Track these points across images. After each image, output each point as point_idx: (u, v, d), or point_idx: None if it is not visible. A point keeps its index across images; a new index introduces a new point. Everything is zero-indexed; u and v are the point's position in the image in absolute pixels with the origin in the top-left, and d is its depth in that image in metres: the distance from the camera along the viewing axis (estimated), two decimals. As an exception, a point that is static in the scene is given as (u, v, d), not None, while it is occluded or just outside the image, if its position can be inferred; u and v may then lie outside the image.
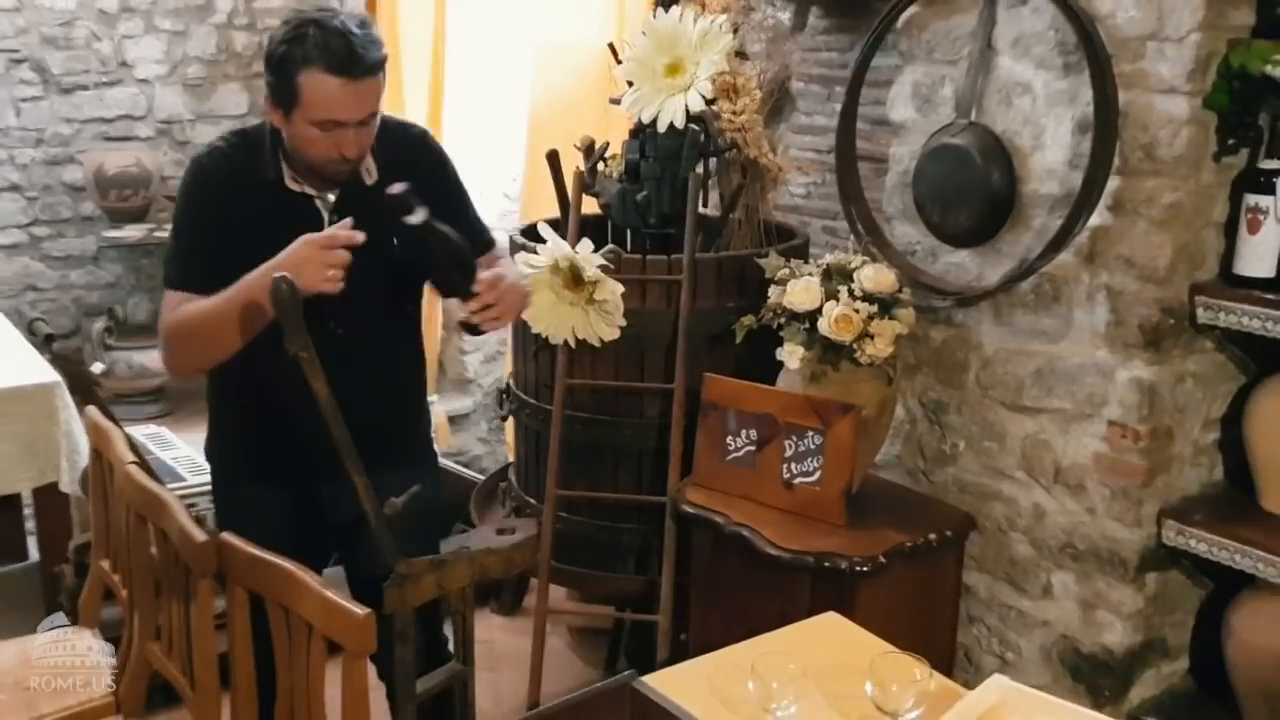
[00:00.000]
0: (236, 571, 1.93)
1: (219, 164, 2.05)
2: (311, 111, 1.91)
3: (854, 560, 2.27)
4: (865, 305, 2.37)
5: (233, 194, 2.03)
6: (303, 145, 1.97)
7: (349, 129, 1.93)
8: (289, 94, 1.91)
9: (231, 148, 2.06)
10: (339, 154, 1.95)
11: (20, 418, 3.05)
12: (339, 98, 1.89)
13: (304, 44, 1.88)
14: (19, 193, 5.00)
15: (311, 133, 1.93)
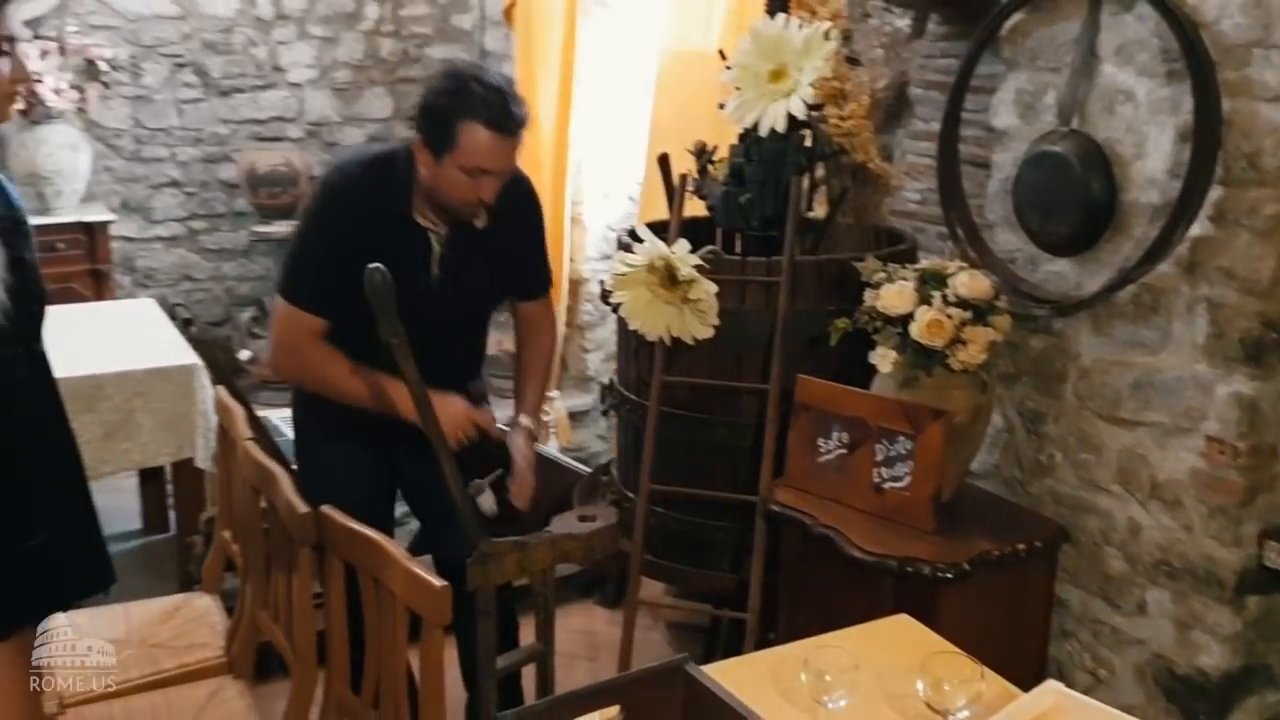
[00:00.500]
0: (334, 542, 2.06)
1: (355, 191, 2.25)
2: (464, 159, 2.14)
3: (937, 566, 2.27)
4: (958, 311, 2.36)
5: (363, 221, 2.22)
6: (445, 187, 2.19)
7: (491, 177, 2.17)
8: (446, 140, 2.14)
9: (366, 178, 2.26)
10: (477, 198, 2.19)
11: (162, 396, 3.27)
12: (491, 150, 2.15)
13: (468, 98, 2.12)
14: (179, 188, 5.34)
15: (458, 177, 2.16)
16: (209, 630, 2.57)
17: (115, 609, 2.65)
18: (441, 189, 2.20)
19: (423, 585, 1.81)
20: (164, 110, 5.18)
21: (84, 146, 4.76)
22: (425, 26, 5.59)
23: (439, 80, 2.19)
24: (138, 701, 2.33)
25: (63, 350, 3.21)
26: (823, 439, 2.57)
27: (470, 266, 2.32)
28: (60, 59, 4.56)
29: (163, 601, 2.73)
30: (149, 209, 5.28)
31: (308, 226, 2.30)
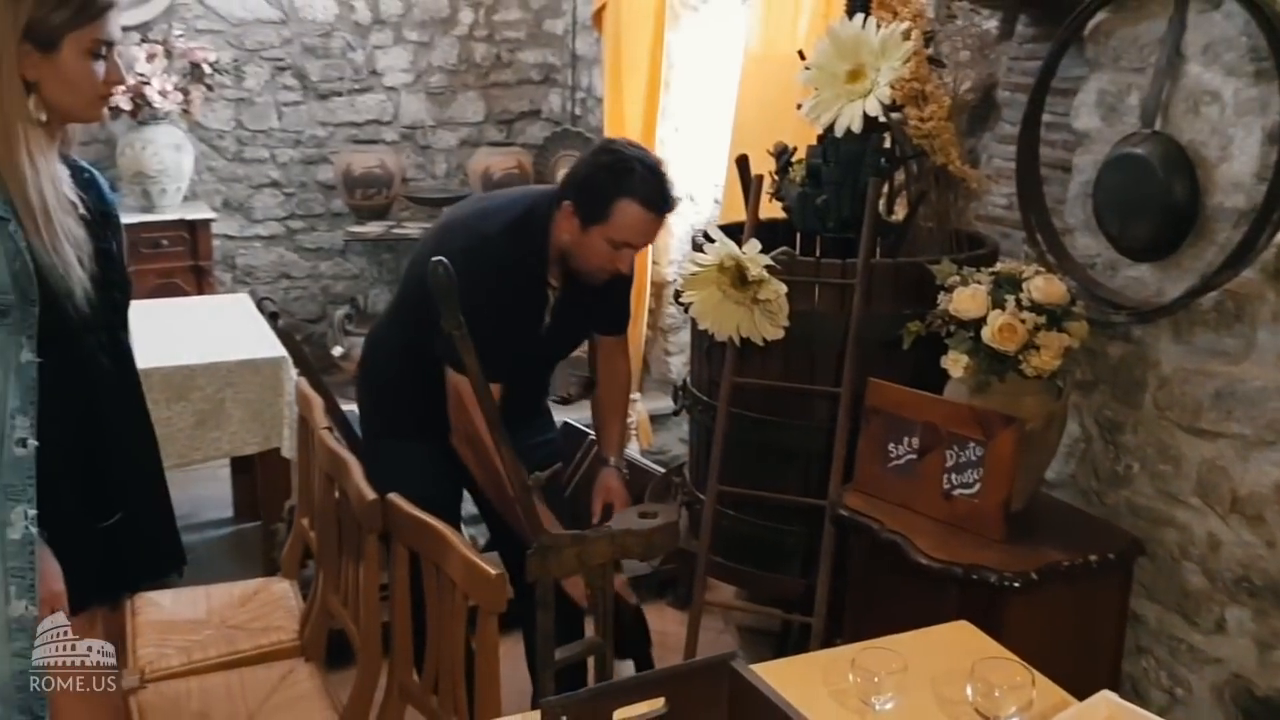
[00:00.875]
0: (399, 530, 2.10)
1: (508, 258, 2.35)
2: (614, 232, 2.28)
3: (1004, 575, 2.23)
4: (1032, 315, 2.32)
5: (509, 285, 2.35)
6: (586, 253, 2.33)
7: (632, 250, 2.35)
8: (600, 213, 2.27)
9: (512, 244, 2.36)
10: (615, 267, 2.33)
11: (251, 387, 3.38)
12: (643, 228, 2.32)
13: (630, 177, 2.26)
14: (278, 189, 5.49)
15: (602, 248, 2.30)
16: (285, 614, 2.65)
17: (198, 590, 2.75)
18: (581, 254, 2.33)
19: (479, 573, 1.84)
20: (265, 112, 5.34)
21: (188, 147, 4.94)
22: (518, 31, 5.68)
23: (600, 155, 2.32)
24: (214, 679, 2.41)
25: (159, 341, 3.39)
26: (893, 444, 2.54)
27: (576, 314, 2.48)
28: (166, 62, 4.73)
29: (243, 585, 2.81)
30: (249, 208, 5.44)
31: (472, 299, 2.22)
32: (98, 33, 1.77)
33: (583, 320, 2.59)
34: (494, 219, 2.39)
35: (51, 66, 1.74)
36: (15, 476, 1.69)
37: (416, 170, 5.65)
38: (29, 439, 1.70)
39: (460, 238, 2.37)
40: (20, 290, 1.68)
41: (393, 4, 5.44)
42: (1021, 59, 3.27)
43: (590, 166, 2.32)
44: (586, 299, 2.49)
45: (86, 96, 1.80)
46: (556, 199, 2.36)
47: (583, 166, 2.34)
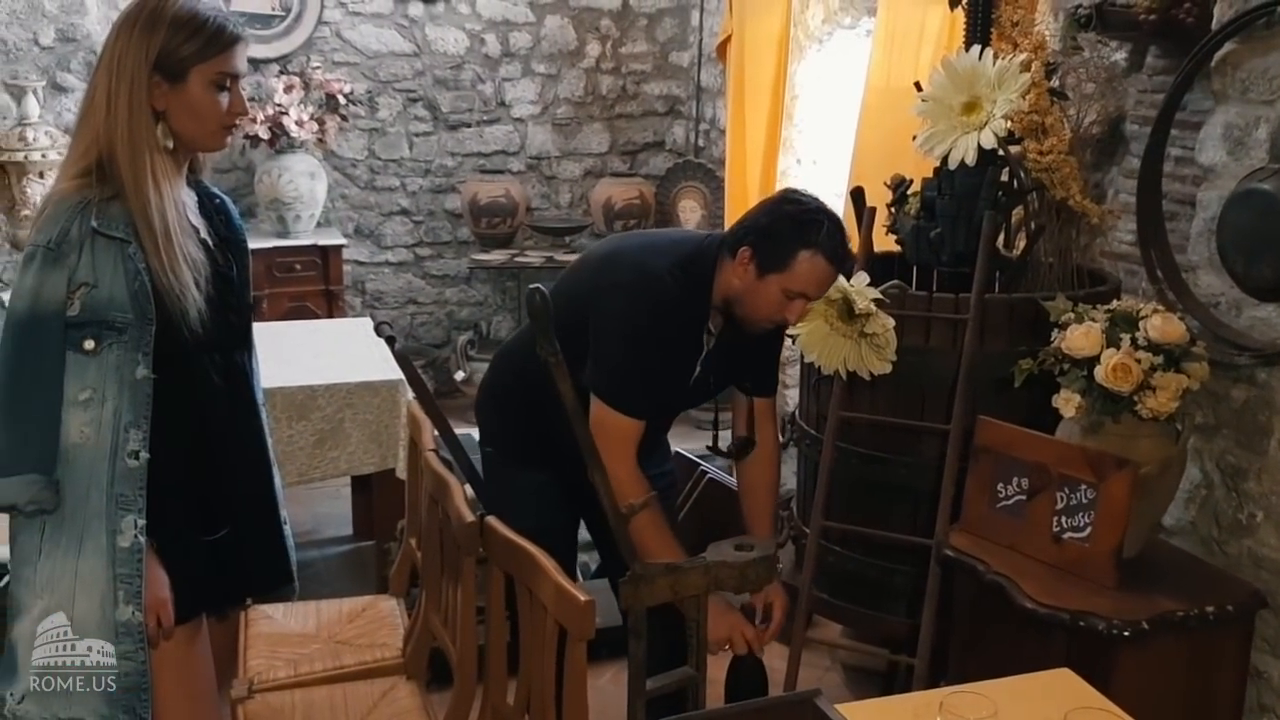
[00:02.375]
0: (495, 552, 2.13)
1: (675, 300, 2.30)
2: (792, 282, 2.21)
3: (1113, 623, 2.15)
4: (1148, 355, 2.24)
5: (675, 324, 2.33)
6: (758, 301, 2.26)
7: (804, 302, 2.25)
8: (780, 261, 2.20)
9: (679, 284, 2.31)
10: (783, 317, 2.27)
11: (369, 408, 3.47)
12: (820, 280, 2.23)
13: (818, 231, 2.20)
14: (408, 216, 5.65)
15: (775, 297, 2.24)
16: (390, 631, 2.70)
17: (308, 605, 2.82)
18: (751, 302, 2.26)
19: (570, 599, 1.85)
20: (396, 142, 5.52)
21: (322, 175, 5.13)
22: (644, 63, 5.75)
23: (785, 205, 2.26)
24: (318, 693, 2.47)
25: (285, 362, 3.51)
26: (1002, 484, 2.48)
27: (725, 364, 2.43)
28: (304, 93, 4.93)
29: (352, 601, 2.88)
30: (379, 235, 5.61)
31: (633, 336, 2.29)
32: (223, 65, 1.86)
33: (728, 374, 2.50)
34: (662, 256, 2.35)
35: (178, 97, 1.84)
36: (127, 487, 1.78)
37: (541, 200, 5.75)
38: (141, 451, 1.79)
39: (627, 271, 2.34)
40: (139, 309, 1.77)
41: (522, 37, 5.56)
42: (1151, 91, 3.18)
43: (773, 215, 2.26)
44: (738, 353, 2.43)
45: (210, 126, 1.89)
46: (724, 244, 2.32)
47: (765, 214, 2.27)
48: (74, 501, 1.78)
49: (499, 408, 2.66)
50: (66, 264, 1.74)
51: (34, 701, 1.81)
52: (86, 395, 1.76)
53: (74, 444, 1.77)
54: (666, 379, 2.34)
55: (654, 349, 2.27)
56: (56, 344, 1.74)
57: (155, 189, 1.80)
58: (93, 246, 1.75)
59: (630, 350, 2.29)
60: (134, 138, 1.80)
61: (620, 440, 2.26)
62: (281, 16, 5.18)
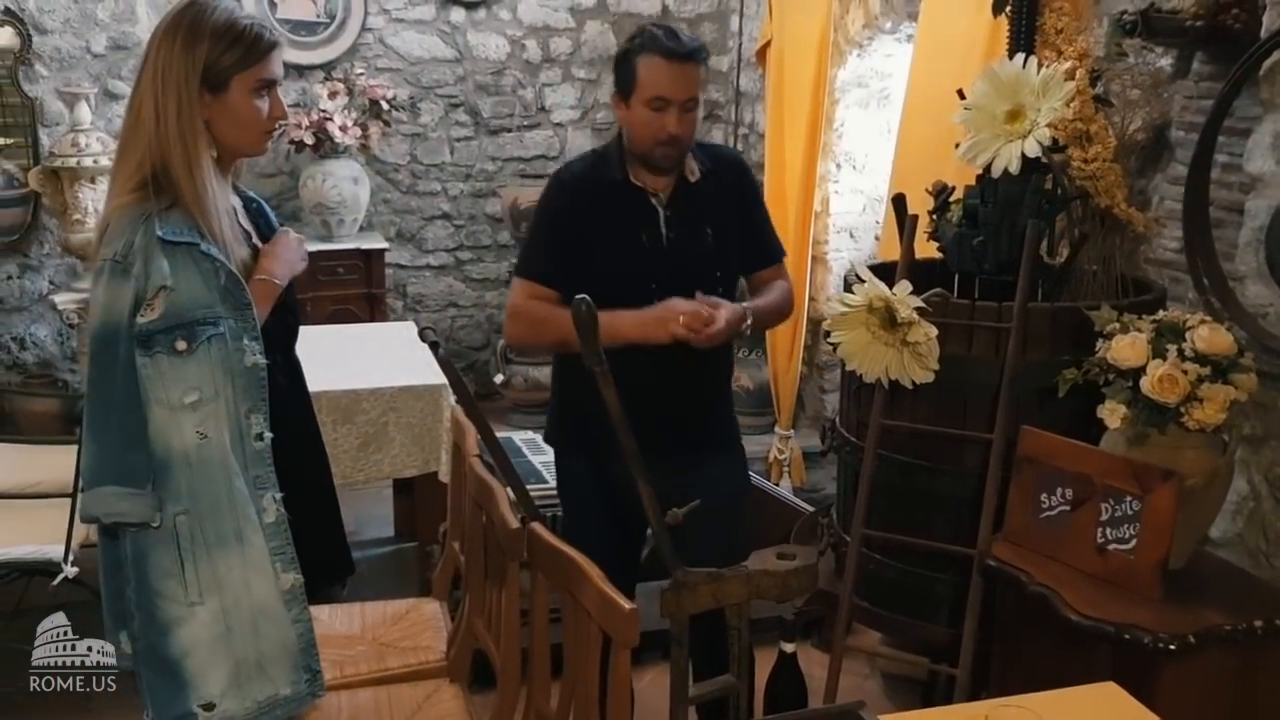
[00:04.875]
0: (539, 558, 2.15)
1: (573, 172, 2.51)
2: (645, 91, 2.31)
3: (1159, 636, 2.14)
4: (1195, 366, 2.22)
5: (583, 195, 2.45)
6: (639, 129, 2.37)
7: (673, 110, 2.30)
8: (628, 80, 2.34)
9: (583, 161, 2.54)
10: (666, 132, 2.32)
11: (412, 412, 3.51)
12: (667, 77, 2.30)
13: (643, 36, 2.35)
14: (449, 220, 5.69)
15: (645, 115, 2.32)
16: (433, 634, 2.73)
17: (352, 608, 2.86)
18: (635, 135, 2.37)
19: (614, 607, 1.87)
20: (438, 147, 5.56)
21: (365, 180, 5.17)
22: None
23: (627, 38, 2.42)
24: (363, 694, 2.50)
25: (330, 365, 3.56)
26: (1045, 494, 2.47)
27: (695, 224, 2.44)
28: (347, 99, 4.98)
29: (395, 604, 2.91)
30: (421, 239, 5.66)
31: (536, 212, 2.54)
32: (262, 73, 1.90)
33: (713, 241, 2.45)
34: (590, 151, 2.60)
35: (221, 106, 1.87)
36: (259, 468, 1.85)
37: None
38: (264, 432, 1.85)
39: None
40: (232, 300, 1.82)
41: (562, 43, 5.59)
42: (1198, 98, 3.15)
43: (619, 51, 2.42)
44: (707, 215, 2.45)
45: (253, 133, 1.93)
46: None
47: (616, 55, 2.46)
48: (212, 499, 1.81)
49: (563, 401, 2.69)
50: (133, 275, 1.77)
51: (231, 699, 1.84)
52: (194, 397, 1.78)
53: (194, 445, 1.79)
54: (611, 246, 2.40)
55: (552, 223, 2.44)
56: (128, 355, 1.77)
57: (213, 199, 1.84)
58: (163, 254, 1.78)
59: (531, 227, 2.56)
60: (188, 151, 1.84)
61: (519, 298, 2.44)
62: (326, 23, 5.24)
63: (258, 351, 1.87)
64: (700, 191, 2.46)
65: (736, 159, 2.70)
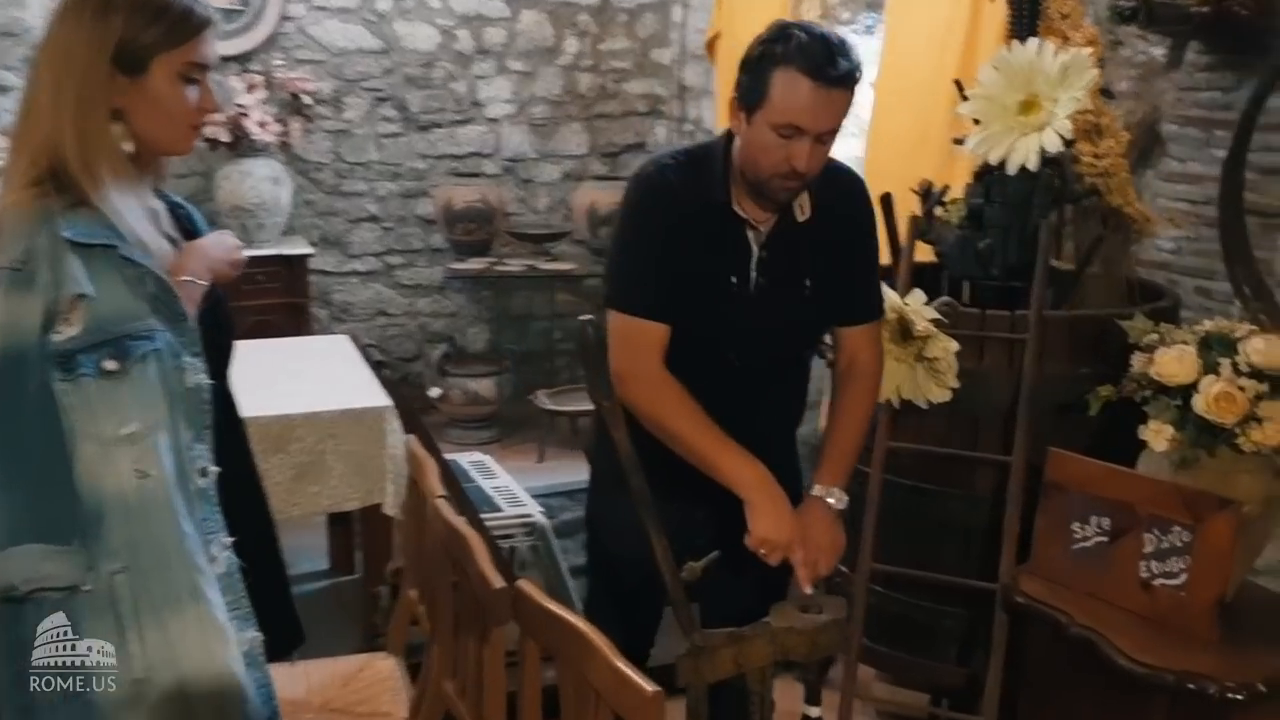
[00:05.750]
0: (531, 625, 1.85)
1: (670, 180, 2.01)
2: (775, 114, 1.86)
3: (1225, 686, 1.92)
4: (1252, 383, 2.01)
5: (681, 215, 1.99)
6: (755, 154, 1.92)
7: (805, 140, 1.86)
8: (758, 92, 1.87)
9: (680, 166, 2.02)
10: (789, 166, 1.88)
11: (353, 439, 3.16)
12: (807, 101, 1.83)
13: (786, 44, 1.85)
14: (376, 223, 5.34)
15: (769, 139, 1.88)
16: (391, 697, 2.41)
17: (296, 668, 2.52)
18: (752, 157, 1.92)
19: (632, 688, 1.57)
20: (364, 145, 5.20)
21: (286, 180, 4.79)
22: (624, 61, 5.47)
23: (763, 34, 1.94)
24: (315, 773, 2.18)
25: (257, 387, 3.18)
26: (1078, 524, 2.24)
27: (792, 273, 2.02)
28: (266, 93, 4.60)
29: (344, 662, 2.58)
30: (347, 243, 5.29)
31: (628, 228, 2.05)
32: (191, 54, 1.56)
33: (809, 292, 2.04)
34: (671, 151, 2.08)
35: (139, 92, 1.53)
36: (205, 509, 1.49)
37: (518, 205, 5.46)
38: (209, 466, 1.50)
39: (637, 174, 2.06)
40: (166, 310, 1.47)
41: (496, 33, 5.27)
42: (1193, 89, 2.97)
43: (749, 48, 1.93)
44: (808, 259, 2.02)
45: (177, 126, 1.59)
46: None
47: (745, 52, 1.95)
48: (157, 550, 1.43)
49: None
50: (38, 284, 1.42)
51: None
52: (132, 428, 1.42)
53: (133, 486, 1.42)
54: (693, 281, 1.97)
55: (653, 241, 1.97)
56: (40, 382, 1.41)
57: (123, 197, 1.50)
58: (74, 258, 1.43)
59: (626, 246, 2.03)
60: (86, 143, 1.49)
61: (629, 347, 1.94)
62: (241, 11, 4.84)
63: (200, 370, 1.52)
64: (807, 232, 2.01)
65: (857, 187, 2.12)
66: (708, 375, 1.96)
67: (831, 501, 2.02)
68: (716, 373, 1.99)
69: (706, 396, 1.94)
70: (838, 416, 2.09)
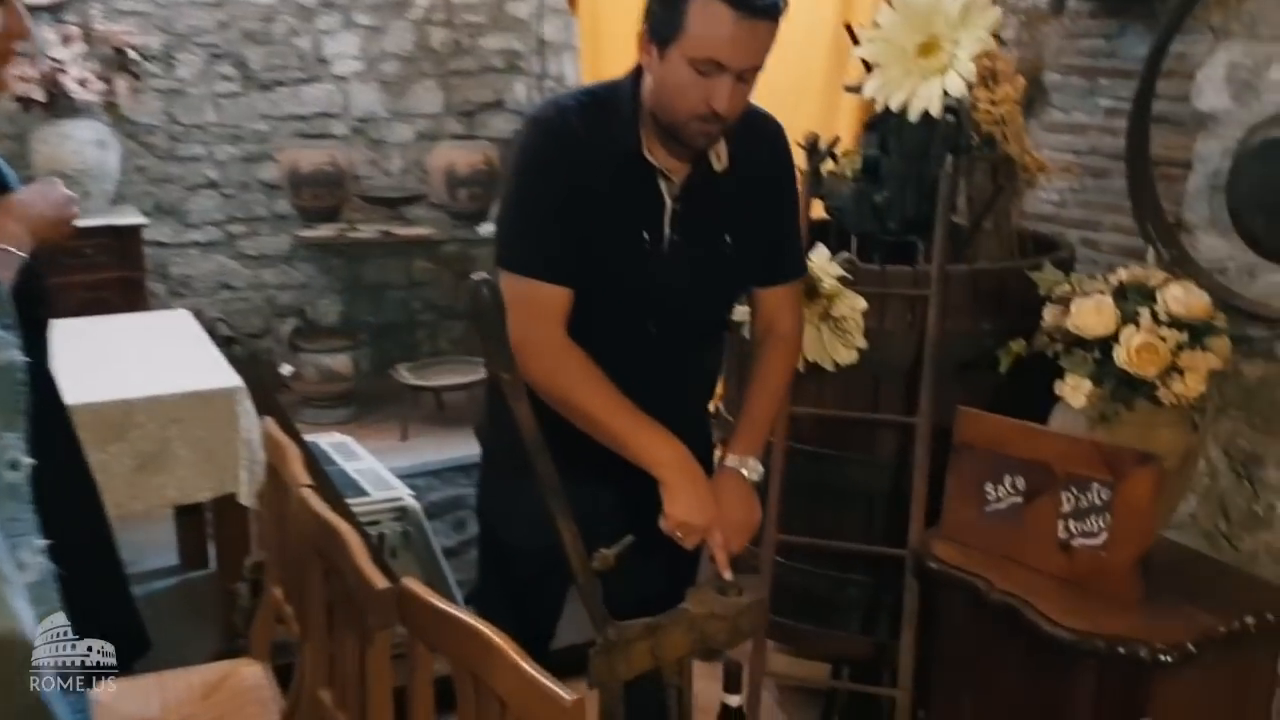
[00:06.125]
0: (420, 627, 1.64)
1: (569, 123, 1.76)
2: (693, 46, 1.64)
3: (1156, 648, 1.84)
4: (1172, 332, 1.93)
5: (585, 162, 1.75)
6: (670, 93, 1.69)
7: (726, 78, 1.65)
8: (673, 23, 1.65)
9: (582, 108, 1.78)
10: (708, 107, 1.67)
11: (202, 424, 2.88)
12: (728, 34, 1.63)
13: None
14: (216, 190, 4.98)
15: (685, 76, 1.66)
16: (260, 710, 2.17)
17: (148, 680, 2.25)
18: (666, 97, 1.70)
19: (546, 696, 1.39)
20: (199, 105, 4.81)
21: (113, 144, 4.38)
22: (479, 15, 5.20)
23: None
24: (176, 804, 1.94)
25: (90, 369, 2.87)
26: (991, 484, 2.15)
27: (709, 229, 1.82)
28: (86, 48, 4.18)
29: (204, 671, 2.32)
30: (184, 212, 4.92)
31: (522, 178, 1.81)
32: None
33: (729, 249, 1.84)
34: (571, 91, 1.86)
35: None
36: (15, 508, 1.24)
37: (369, 167, 5.15)
38: (21, 459, 1.25)
39: (531, 115, 1.83)
40: None
41: (341, -17, 4.94)
42: (1077, 37, 2.92)
43: None
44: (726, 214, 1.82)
45: None
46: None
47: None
48: None
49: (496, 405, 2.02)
50: None
51: None
52: None
53: None
54: (599, 238, 1.76)
55: (552, 193, 1.74)
56: None
57: None
58: None
59: (520, 199, 1.79)
60: None
61: (525, 314, 1.67)
62: (50, -46, 4.40)
63: (13, 345, 1.28)
64: (725, 184, 1.81)
65: (778, 134, 1.92)
66: (616, 345, 1.77)
67: (746, 473, 1.86)
68: (626, 342, 1.80)
69: (614, 368, 1.75)
70: (754, 383, 1.92)
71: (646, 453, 1.73)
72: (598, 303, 1.77)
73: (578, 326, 1.77)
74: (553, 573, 1.82)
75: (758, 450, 1.89)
